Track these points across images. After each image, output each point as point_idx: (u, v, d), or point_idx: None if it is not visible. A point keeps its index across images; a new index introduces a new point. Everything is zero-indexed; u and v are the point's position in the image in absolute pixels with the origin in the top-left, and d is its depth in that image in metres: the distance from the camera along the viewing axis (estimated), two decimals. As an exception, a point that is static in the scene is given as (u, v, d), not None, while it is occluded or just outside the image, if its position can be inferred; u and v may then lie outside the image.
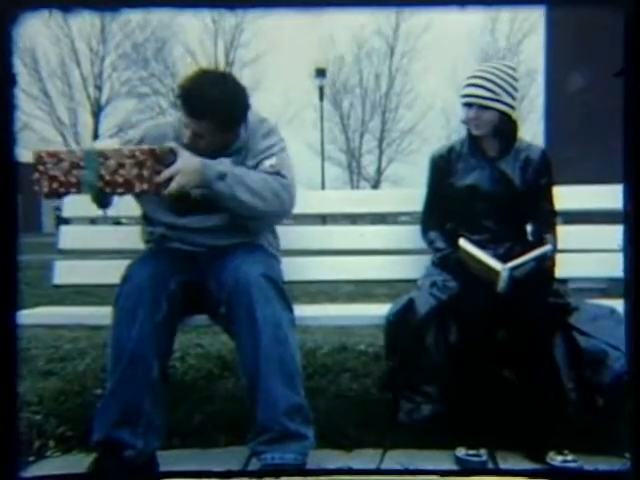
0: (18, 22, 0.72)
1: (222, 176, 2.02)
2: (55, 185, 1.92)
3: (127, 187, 1.92)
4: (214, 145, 2.11)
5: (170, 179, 1.95)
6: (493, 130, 2.36)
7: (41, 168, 1.92)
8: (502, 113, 2.32)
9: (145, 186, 1.92)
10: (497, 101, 2.30)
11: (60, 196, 1.97)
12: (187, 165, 1.98)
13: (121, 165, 1.92)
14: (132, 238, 2.43)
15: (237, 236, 2.18)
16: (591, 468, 1.96)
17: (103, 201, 2.14)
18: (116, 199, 2.16)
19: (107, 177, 1.91)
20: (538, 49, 14.49)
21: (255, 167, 2.15)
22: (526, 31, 29.29)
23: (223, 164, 2.08)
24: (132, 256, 2.21)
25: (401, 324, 2.30)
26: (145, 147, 1.98)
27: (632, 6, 0.71)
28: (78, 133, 29.09)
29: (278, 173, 2.13)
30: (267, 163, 2.16)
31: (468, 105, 2.34)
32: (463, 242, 2.28)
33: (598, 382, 2.14)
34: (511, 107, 2.33)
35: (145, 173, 1.92)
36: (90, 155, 1.94)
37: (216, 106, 2.02)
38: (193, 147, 2.07)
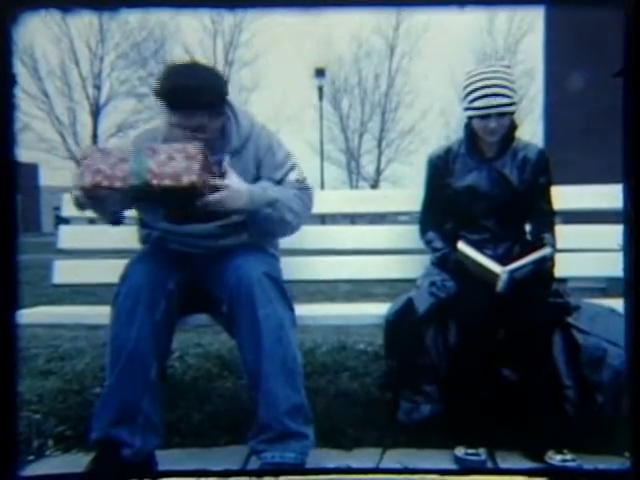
0: (18, 22, 0.72)
1: (271, 203, 2.07)
2: (99, 177, 1.89)
3: (175, 178, 1.87)
4: (214, 136, 2.10)
5: (216, 189, 1.95)
6: (505, 133, 2.35)
7: (86, 162, 1.91)
8: (512, 115, 2.32)
9: (194, 177, 1.87)
10: (513, 105, 2.29)
11: (102, 190, 1.91)
12: (236, 185, 2.00)
13: (171, 158, 1.89)
14: (131, 238, 2.43)
15: (237, 239, 2.17)
16: (590, 467, 1.96)
17: (122, 207, 2.13)
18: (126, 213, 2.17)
19: (156, 169, 1.88)
20: (537, 48, 14.49)
21: (282, 180, 2.18)
22: (525, 30, 29.31)
23: (267, 189, 2.10)
24: (131, 256, 2.21)
25: (400, 323, 2.31)
26: (197, 143, 1.94)
27: (632, 6, 0.71)
28: (77, 133, 29.06)
29: (306, 187, 2.23)
30: (292, 177, 2.20)
31: (485, 117, 2.28)
32: (462, 245, 2.28)
33: (597, 380, 2.14)
34: (516, 107, 2.34)
35: (195, 166, 1.88)
36: (140, 149, 1.94)
37: (200, 89, 2.00)
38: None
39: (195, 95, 2.00)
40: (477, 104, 2.28)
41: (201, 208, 1.97)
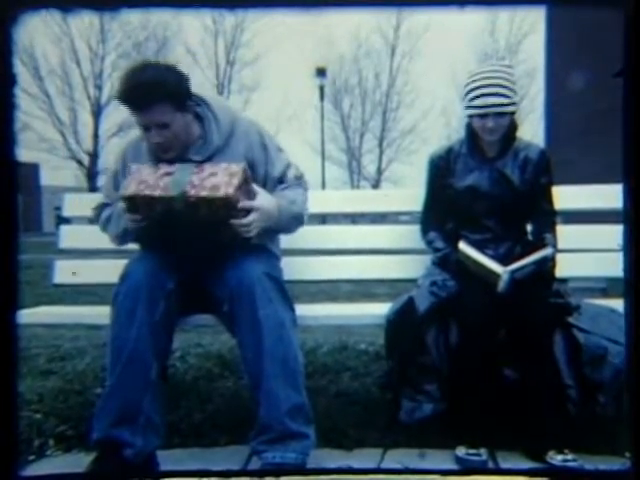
0: (18, 22, 0.72)
1: (297, 216, 2.21)
2: (142, 186, 1.97)
3: (213, 190, 1.93)
4: (181, 134, 2.10)
5: (248, 211, 2.00)
6: (505, 133, 2.35)
7: (136, 175, 2.00)
8: (512, 115, 2.32)
9: (230, 190, 1.93)
10: (513, 104, 2.29)
11: (142, 199, 1.96)
12: (266, 204, 2.06)
13: (213, 174, 1.97)
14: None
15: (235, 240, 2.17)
16: (591, 467, 1.96)
17: (129, 235, 2.18)
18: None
19: (196, 182, 1.95)
20: (538, 48, 14.49)
21: (282, 179, 2.22)
22: (526, 30, 29.32)
23: (292, 200, 2.17)
24: (132, 256, 2.21)
25: (401, 323, 2.31)
26: (242, 164, 2.01)
27: (632, 6, 0.71)
28: (78, 132, 29.07)
29: (304, 182, 2.29)
30: (291, 175, 2.24)
31: (483, 115, 2.28)
32: (463, 245, 2.28)
33: (598, 379, 2.14)
34: (517, 107, 2.34)
35: (235, 181, 1.94)
36: (186, 166, 2.02)
37: (156, 84, 2.00)
38: (164, 147, 2.09)
39: (148, 90, 2.00)
40: (476, 103, 2.28)
41: (231, 236, 2.02)
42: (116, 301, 1.98)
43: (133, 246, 2.30)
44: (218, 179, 1.94)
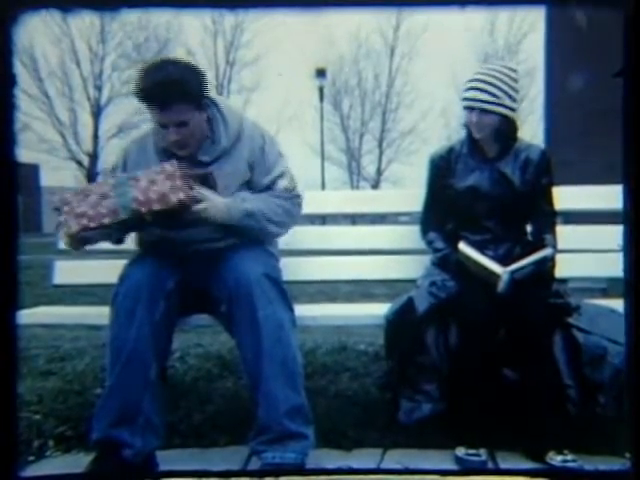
0: (18, 22, 0.72)
1: (250, 214, 2.10)
2: (84, 221, 1.91)
3: (163, 200, 1.91)
4: (198, 132, 2.10)
5: (199, 201, 2.00)
6: (494, 133, 2.35)
7: (66, 209, 1.93)
8: (503, 116, 2.31)
9: (181, 195, 1.92)
10: (499, 105, 2.29)
11: (91, 231, 1.94)
12: (215, 199, 2.05)
13: (152, 182, 1.93)
14: (131, 238, 2.42)
15: (232, 241, 2.16)
16: (591, 468, 1.96)
17: (119, 235, 2.17)
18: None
19: (141, 197, 1.92)
20: (538, 48, 14.50)
21: (271, 187, 2.18)
22: (526, 30, 29.25)
23: (246, 199, 2.12)
24: (131, 256, 2.21)
25: (400, 323, 2.31)
26: (173, 161, 1.99)
27: (632, 6, 0.71)
28: (78, 133, 29.02)
29: (295, 196, 2.23)
30: (281, 185, 2.20)
31: (469, 109, 2.32)
32: (463, 245, 2.28)
33: (598, 379, 2.14)
34: (512, 109, 2.32)
35: (178, 183, 1.93)
36: (120, 181, 1.96)
37: (178, 82, 1.99)
38: (181, 144, 2.08)
39: (170, 88, 1.99)
40: (465, 95, 2.34)
41: (190, 218, 2.01)
42: (116, 301, 1.98)
43: (132, 246, 2.30)
44: (160, 187, 1.92)
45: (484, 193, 2.37)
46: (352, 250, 2.81)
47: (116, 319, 1.96)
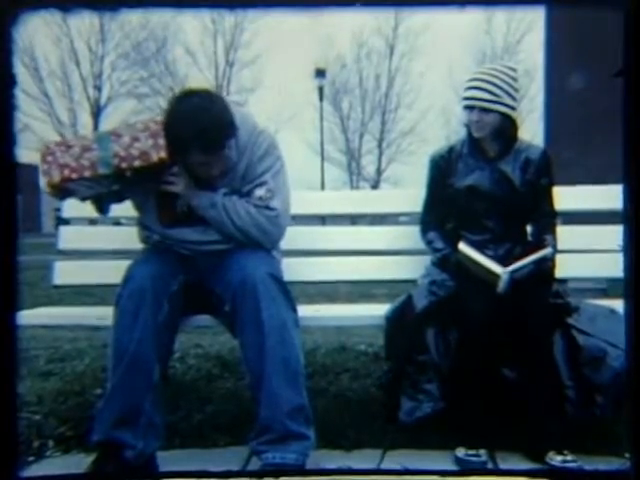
0: (18, 22, 0.72)
1: (213, 204, 2.08)
2: (67, 172, 1.90)
3: (144, 158, 1.90)
4: (222, 168, 2.10)
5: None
6: (494, 132, 2.35)
7: (49, 158, 1.91)
8: (503, 115, 2.32)
9: (163, 154, 1.90)
10: (498, 103, 2.29)
11: (72, 182, 1.92)
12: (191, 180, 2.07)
13: (135, 139, 1.91)
14: (132, 238, 2.42)
15: (232, 243, 2.16)
16: (591, 468, 1.96)
17: (104, 204, 2.14)
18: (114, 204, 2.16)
19: (122, 153, 1.90)
20: (537, 48, 14.50)
21: (248, 194, 2.14)
22: (525, 30, 29.27)
23: (218, 194, 2.11)
24: (132, 256, 2.20)
25: (400, 321, 2.31)
26: (158, 118, 1.97)
27: (632, 6, 0.71)
28: (78, 133, 29.00)
29: (267, 206, 2.13)
30: (257, 194, 2.13)
31: (469, 108, 2.33)
32: (463, 245, 2.28)
33: (598, 381, 2.14)
34: (512, 109, 2.33)
35: (160, 142, 1.91)
36: (102, 136, 1.94)
37: (220, 129, 1.99)
38: (207, 181, 2.10)
39: (215, 137, 1.98)
40: (465, 94, 2.35)
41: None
42: (119, 303, 1.98)
43: (133, 247, 2.30)
44: (143, 144, 1.91)
45: (484, 193, 2.38)
46: (352, 250, 2.81)
47: (119, 321, 1.95)
